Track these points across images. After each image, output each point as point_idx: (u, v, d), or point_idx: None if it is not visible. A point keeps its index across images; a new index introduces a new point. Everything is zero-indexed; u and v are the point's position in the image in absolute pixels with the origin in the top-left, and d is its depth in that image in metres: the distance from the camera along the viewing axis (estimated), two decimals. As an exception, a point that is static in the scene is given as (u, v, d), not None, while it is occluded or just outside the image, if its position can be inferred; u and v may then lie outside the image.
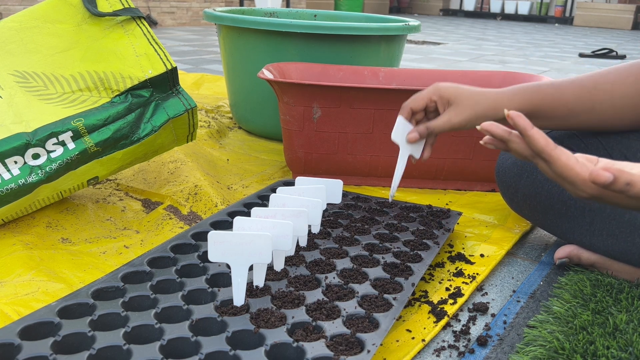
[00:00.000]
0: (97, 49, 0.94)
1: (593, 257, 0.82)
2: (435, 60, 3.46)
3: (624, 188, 0.52)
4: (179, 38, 4.19)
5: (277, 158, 1.35)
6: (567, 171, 0.56)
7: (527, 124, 0.58)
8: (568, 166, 0.56)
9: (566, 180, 0.57)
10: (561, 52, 4.24)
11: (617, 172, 0.52)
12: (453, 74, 1.33)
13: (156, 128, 0.95)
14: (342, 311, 0.65)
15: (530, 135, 0.58)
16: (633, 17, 7.38)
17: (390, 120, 1.10)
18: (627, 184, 0.52)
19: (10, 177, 0.83)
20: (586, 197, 0.57)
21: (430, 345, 0.67)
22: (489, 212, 1.07)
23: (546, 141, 0.57)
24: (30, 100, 0.88)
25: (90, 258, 0.83)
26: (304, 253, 0.79)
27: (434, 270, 0.83)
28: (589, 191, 0.56)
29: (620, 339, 0.64)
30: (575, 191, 0.58)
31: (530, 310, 0.75)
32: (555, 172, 0.58)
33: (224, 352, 0.57)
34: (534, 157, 0.60)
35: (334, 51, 1.36)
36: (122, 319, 0.62)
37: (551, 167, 0.58)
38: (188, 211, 1.00)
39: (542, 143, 0.57)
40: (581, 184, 0.56)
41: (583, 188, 0.56)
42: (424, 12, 9.24)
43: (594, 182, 0.53)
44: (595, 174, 0.52)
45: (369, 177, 1.18)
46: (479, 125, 0.62)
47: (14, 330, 0.59)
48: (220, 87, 2.14)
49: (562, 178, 0.58)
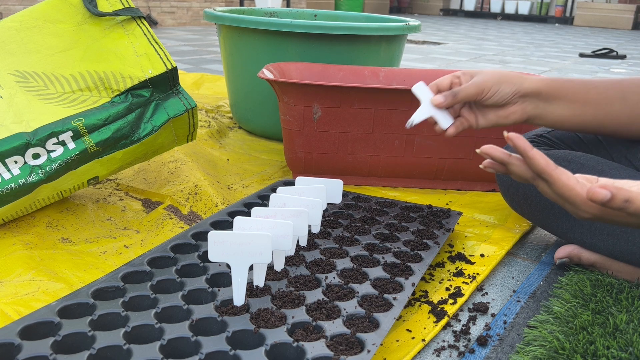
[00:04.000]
0: (97, 48, 0.94)
1: (593, 256, 0.82)
2: (435, 60, 3.46)
3: (622, 205, 0.52)
4: (179, 38, 4.19)
5: (277, 158, 1.35)
6: (567, 191, 0.57)
7: (526, 145, 0.58)
8: (568, 186, 0.56)
9: (567, 201, 0.58)
10: (561, 52, 4.24)
11: (615, 189, 0.52)
12: (453, 74, 1.32)
13: (156, 128, 0.95)
14: (342, 311, 0.65)
15: (530, 156, 0.58)
16: (633, 17, 7.38)
17: (390, 120, 1.10)
18: (625, 201, 0.52)
19: (10, 176, 0.83)
20: (588, 218, 0.58)
21: (430, 345, 0.67)
22: (489, 212, 1.07)
23: (546, 161, 0.57)
24: (31, 100, 0.88)
25: (90, 258, 0.83)
26: (304, 253, 0.79)
27: (434, 270, 0.83)
28: (590, 211, 0.56)
29: (620, 339, 0.64)
30: (577, 212, 0.58)
31: (530, 310, 0.75)
32: (555, 193, 0.58)
33: (224, 352, 0.57)
34: (534, 178, 0.60)
35: (334, 51, 1.36)
36: (122, 318, 0.62)
37: (552, 188, 0.58)
38: (188, 211, 1.00)
39: (543, 163, 0.57)
40: (582, 204, 0.56)
41: (584, 208, 0.56)
42: (424, 12, 9.24)
43: (592, 199, 0.53)
44: (593, 192, 0.52)
45: (369, 177, 1.18)
46: (478, 149, 0.63)
47: (14, 330, 0.59)
48: (220, 87, 2.14)
49: (563, 199, 0.58)
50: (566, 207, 0.59)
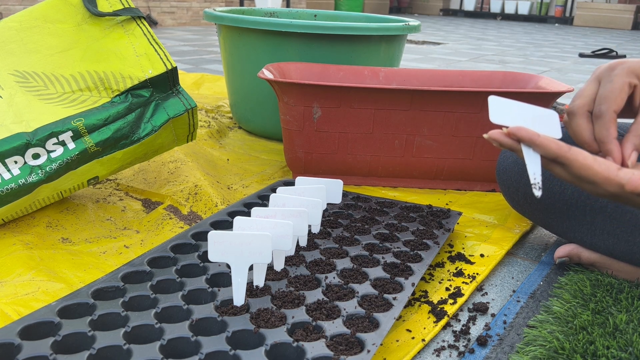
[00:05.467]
0: (97, 48, 0.94)
1: (593, 256, 0.82)
2: (435, 60, 3.46)
3: None
4: (179, 38, 4.19)
5: (277, 158, 1.35)
6: (585, 170, 0.55)
7: (532, 134, 0.55)
8: (586, 165, 0.55)
9: (585, 180, 0.56)
10: (561, 52, 4.24)
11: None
12: (453, 74, 1.33)
13: (156, 128, 0.95)
14: (342, 311, 0.65)
15: (539, 143, 0.55)
16: (633, 17, 7.38)
17: (390, 120, 1.10)
18: None
19: (10, 177, 0.83)
20: (606, 196, 0.56)
21: (430, 345, 0.67)
22: (489, 212, 1.07)
23: (558, 145, 0.55)
24: (30, 100, 0.88)
25: (90, 258, 0.83)
26: (304, 253, 0.79)
27: (434, 270, 0.83)
28: (610, 190, 0.55)
29: (620, 339, 0.64)
30: (596, 190, 0.56)
31: (530, 310, 0.75)
32: (573, 174, 0.56)
33: (224, 352, 0.57)
34: (547, 164, 0.57)
35: (334, 51, 1.36)
36: (122, 318, 0.62)
37: (568, 170, 0.56)
38: (188, 211, 1.00)
39: (555, 147, 0.55)
40: (602, 182, 0.54)
41: (604, 186, 0.55)
42: (424, 12, 9.24)
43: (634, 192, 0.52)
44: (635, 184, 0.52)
45: (369, 177, 1.18)
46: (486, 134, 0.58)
47: (14, 330, 0.59)
48: (220, 87, 2.14)
49: (581, 179, 0.56)
50: (584, 187, 0.57)
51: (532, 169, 0.56)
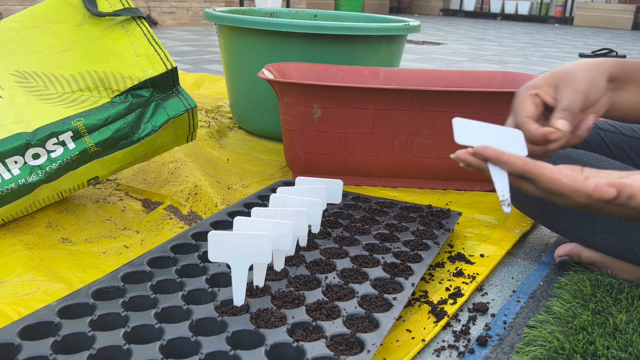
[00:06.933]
0: (97, 49, 0.94)
1: (593, 255, 0.82)
2: (435, 60, 3.46)
3: (625, 201, 0.51)
4: (179, 38, 4.19)
5: (277, 158, 1.35)
6: (553, 184, 0.54)
7: (498, 153, 0.56)
8: (553, 179, 0.54)
9: (554, 194, 0.56)
10: (561, 52, 4.24)
11: (620, 185, 0.51)
12: (453, 74, 1.33)
13: (156, 128, 0.95)
14: (342, 311, 0.65)
15: (505, 160, 0.56)
16: (633, 17, 7.38)
17: (390, 120, 1.10)
18: (628, 197, 0.51)
19: (10, 177, 0.83)
20: (578, 208, 0.56)
21: (430, 345, 0.67)
22: (489, 212, 1.07)
23: (524, 161, 0.55)
24: (31, 100, 0.88)
25: (90, 258, 0.83)
26: (304, 253, 0.79)
27: (434, 270, 0.83)
28: (580, 201, 0.54)
29: (620, 339, 0.64)
30: (567, 202, 0.56)
31: (530, 310, 0.75)
32: (541, 189, 0.56)
33: (224, 352, 0.57)
34: (515, 180, 0.58)
35: (334, 51, 1.36)
36: (122, 319, 0.62)
37: (536, 185, 0.56)
38: (188, 211, 1.00)
39: (520, 163, 0.55)
40: (571, 193, 0.54)
41: (574, 198, 0.54)
42: (424, 12, 9.24)
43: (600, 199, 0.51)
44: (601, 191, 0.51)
45: (369, 177, 1.18)
46: (452, 154, 0.60)
47: (14, 330, 0.59)
48: (220, 87, 2.14)
49: (550, 192, 0.56)
50: (555, 200, 0.57)
51: (499, 186, 0.57)
